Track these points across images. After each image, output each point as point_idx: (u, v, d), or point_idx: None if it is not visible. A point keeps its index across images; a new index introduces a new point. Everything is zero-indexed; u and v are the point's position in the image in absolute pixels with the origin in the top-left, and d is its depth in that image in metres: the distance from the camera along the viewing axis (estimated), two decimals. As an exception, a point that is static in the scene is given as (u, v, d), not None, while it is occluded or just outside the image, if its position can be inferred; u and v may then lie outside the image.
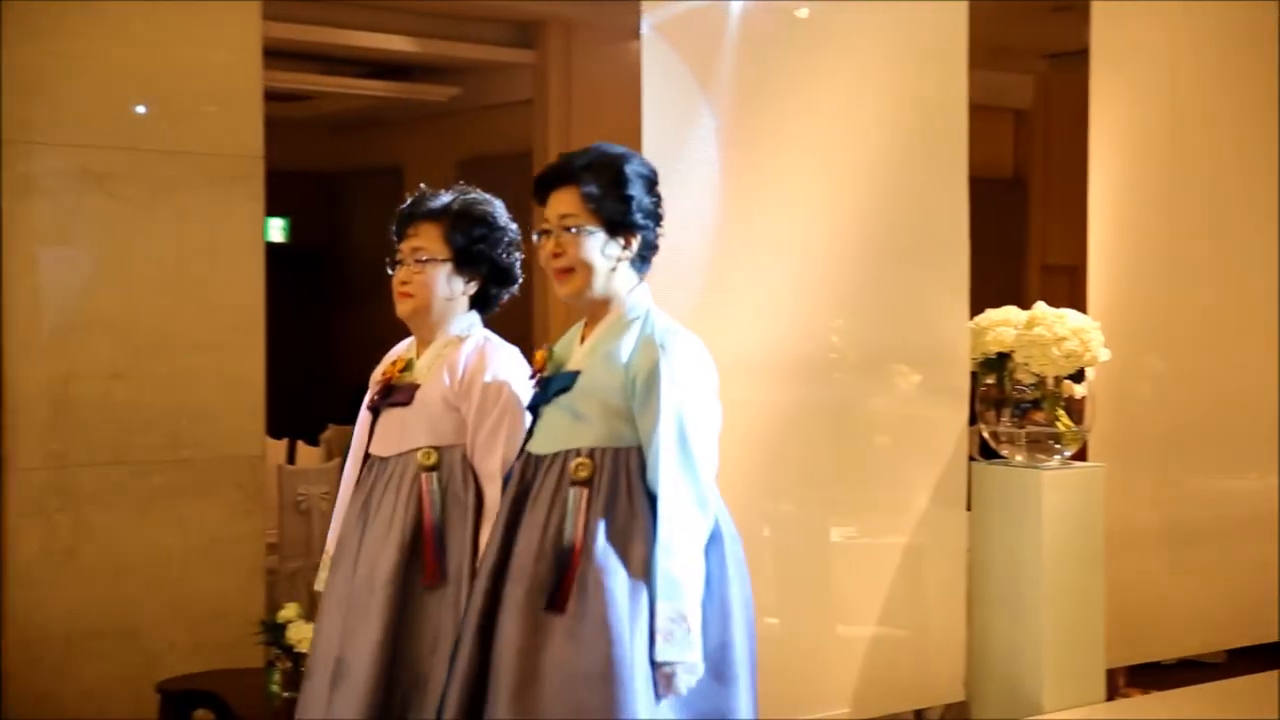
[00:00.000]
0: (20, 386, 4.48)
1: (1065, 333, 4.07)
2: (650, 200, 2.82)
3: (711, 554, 2.71)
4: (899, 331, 4.08)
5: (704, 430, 2.72)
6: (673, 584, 2.60)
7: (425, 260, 3.06)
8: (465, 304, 3.11)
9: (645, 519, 2.65)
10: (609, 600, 2.60)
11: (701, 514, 2.67)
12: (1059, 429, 4.14)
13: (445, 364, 3.05)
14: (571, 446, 2.73)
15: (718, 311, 3.71)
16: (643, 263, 2.84)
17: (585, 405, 2.74)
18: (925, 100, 4.10)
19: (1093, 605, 4.18)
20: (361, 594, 2.93)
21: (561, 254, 2.79)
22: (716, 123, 3.70)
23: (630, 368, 2.71)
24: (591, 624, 2.60)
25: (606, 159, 2.81)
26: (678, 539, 2.62)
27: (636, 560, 2.63)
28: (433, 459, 2.97)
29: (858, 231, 3.96)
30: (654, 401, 2.66)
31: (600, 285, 2.79)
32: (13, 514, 4.47)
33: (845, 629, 3.99)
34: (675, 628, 2.59)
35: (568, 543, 2.65)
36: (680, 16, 3.66)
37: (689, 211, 3.65)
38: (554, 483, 2.73)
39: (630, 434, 2.71)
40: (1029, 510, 4.08)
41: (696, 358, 2.75)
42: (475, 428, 2.99)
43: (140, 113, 4.73)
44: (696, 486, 2.67)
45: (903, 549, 4.06)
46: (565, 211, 2.79)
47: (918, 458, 4.10)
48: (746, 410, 3.76)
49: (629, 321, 2.78)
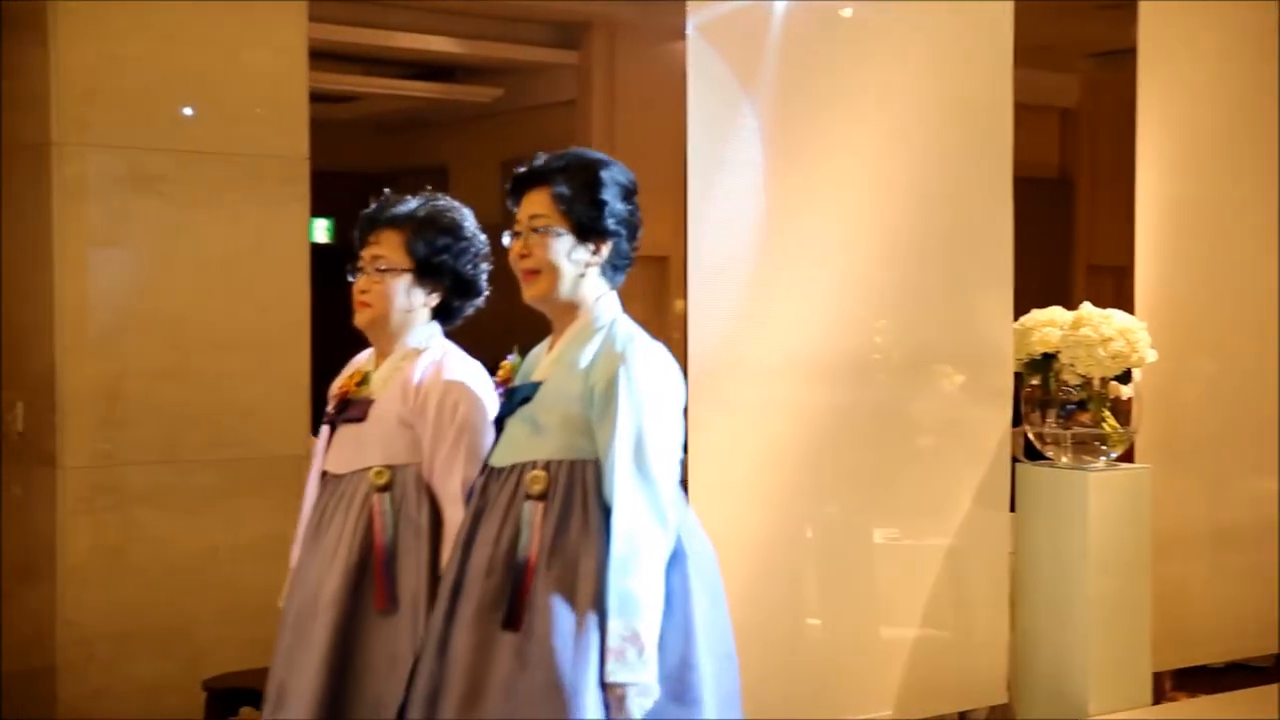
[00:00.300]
0: (70, 386, 4.52)
1: (1111, 333, 4.05)
2: (624, 208, 2.75)
3: (673, 571, 2.60)
4: (942, 332, 4.07)
5: (664, 444, 2.61)
6: (626, 602, 2.50)
7: (385, 269, 2.93)
8: (426, 315, 2.98)
9: (598, 535, 2.56)
10: (556, 618, 2.52)
11: (659, 529, 2.56)
12: (1105, 430, 4.12)
13: (401, 379, 2.92)
14: (528, 459, 2.65)
15: (761, 312, 3.71)
16: (614, 271, 2.76)
17: (546, 416, 2.66)
18: (970, 100, 4.09)
19: (1139, 608, 4.15)
20: (305, 617, 2.81)
21: (528, 255, 2.72)
22: (759, 123, 3.69)
23: (590, 377, 2.63)
24: (538, 642, 2.52)
25: (582, 162, 2.77)
26: (632, 555, 2.52)
27: (587, 577, 2.54)
28: (385, 478, 2.84)
29: (901, 232, 3.95)
30: (612, 412, 2.58)
31: (566, 290, 2.71)
32: (63, 512, 4.52)
33: (888, 630, 3.98)
34: (627, 647, 2.49)
35: (521, 558, 2.57)
36: (724, 17, 3.66)
37: (732, 213, 3.65)
38: (509, 496, 2.65)
39: (588, 446, 2.62)
40: (1075, 512, 4.06)
41: (659, 369, 2.66)
42: (433, 447, 2.85)
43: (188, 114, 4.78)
44: (654, 501, 2.56)
45: (945, 551, 4.05)
46: (535, 212, 2.73)
47: (961, 459, 4.08)
48: (790, 411, 3.76)
49: (594, 331, 2.70)
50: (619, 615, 2.50)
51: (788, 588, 3.81)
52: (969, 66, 4.08)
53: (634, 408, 2.58)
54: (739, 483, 3.69)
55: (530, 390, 2.71)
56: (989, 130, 4.12)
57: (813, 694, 3.77)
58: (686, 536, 2.66)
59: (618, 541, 2.53)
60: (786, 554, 3.79)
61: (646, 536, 2.54)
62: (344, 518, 2.86)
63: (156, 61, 4.70)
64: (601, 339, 2.68)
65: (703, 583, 2.66)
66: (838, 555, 3.89)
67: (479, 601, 2.60)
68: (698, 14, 3.62)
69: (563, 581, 2.55)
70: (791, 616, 3.83)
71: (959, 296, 4.09)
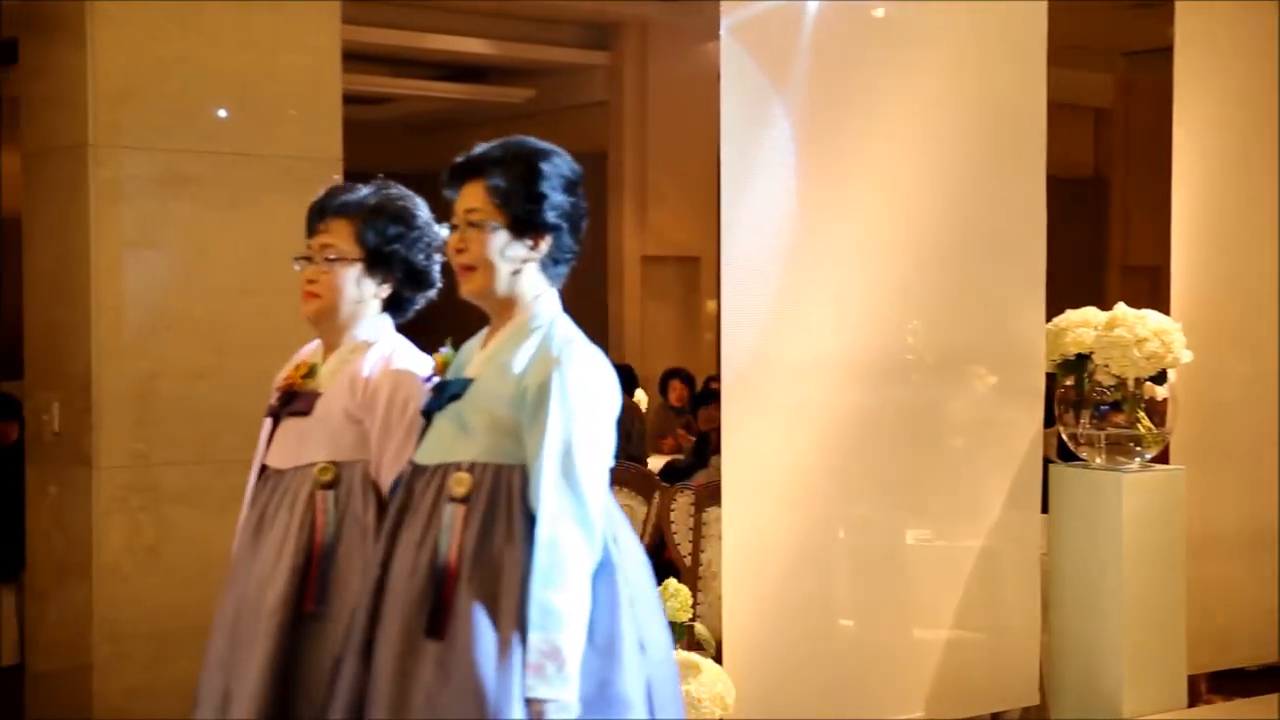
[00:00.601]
0: (106, 386, 4.55)
1: (1146, 334, 4.02)
2: (566, 200, 2.62)
3: (600, 584, 2.49)
4: (975, 333, 4.05)
5: (594, 453, 2.50)
6: (548, 614, 2.40)
7: (334, 259, 2.83)
8: (376, 307, 2.89)
9: (522, 543, 2.46)
10: (478, 629, 2.42)
11: (585, 541, 2.46)
12: (1140, 431, 4.09)
13: (349, 372, 2.82)
14: (453, 459, 2.54)
15: (794, 313, 3.70)
16: (556, 266, 2.64)
17: (473, 416, 2.55)
18: (1003, 99, 4.07)
19: (1174, 610, 4.12)
20: (249, 621, 2.71)
21: (464, 250, 2.59)
22: (792, 124, 3.69)
23: (523, 379, 2.52)
24: (460, 653, 2.42)
25: (520, 153, 2.62)
26: (555, 566, 2.42)
27: (511, 587, 2.44)
28: (330, 475, 2.74)
29: (934, 232, 3.94)
30: (542, 418, 2.47)
31: (502, 286, 2.59)
32: (98, 512, 4.55)
33: (920, 631, 3.97)
34: (548, 662, 2.39)
35: (441, 563, 2.47)
36: (757, 18, 3.66)
37: (765, 214, 3.64)
38: (432, 497, 2.53)
39: (516, 450, 2.51)
40: (1109, 513, 4.04)
41: (595, 375, 2.55)
42: (380, 443, 2.76)
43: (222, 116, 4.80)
44: (580, 511, 2.46)
45: (977, 552, 4.04)
46: (470, 206, 2.60)
47: (992, 460, 4.07)
48: (822, 412, 3.75)
49: (530, 330, 2.59)
50: (539, 628, 2.40)
51: (820, 588, 3.80)
52: (1002, 66, 4.07)
53: (565, 414, 2.48)
54: (771, 483, 3.68)
55: (460, 387, 2.60)
56: (1022, 130, 4.10)
57: (844, 694, 3.76)
58: (615, 547, 2.55)
59: (541, 552, 2.42)
60: (819, 554, 3.78)
61: (571, 547, 2.44)
62: (287, 517, 2.76)
63: (191, 64, 4.73)
64: (538, 340, 2.57)
65: (631, 595, 2.55)
66: (870, 556, 3.88)
67: (403, 607, 2.50)
68: (731, 15, 3.62)
69: (486, 590, 2.45)
70: (823, 617, 3.82)
71: (991, 297, 4.07)
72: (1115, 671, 4.03)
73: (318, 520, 2.73)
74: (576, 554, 2.45)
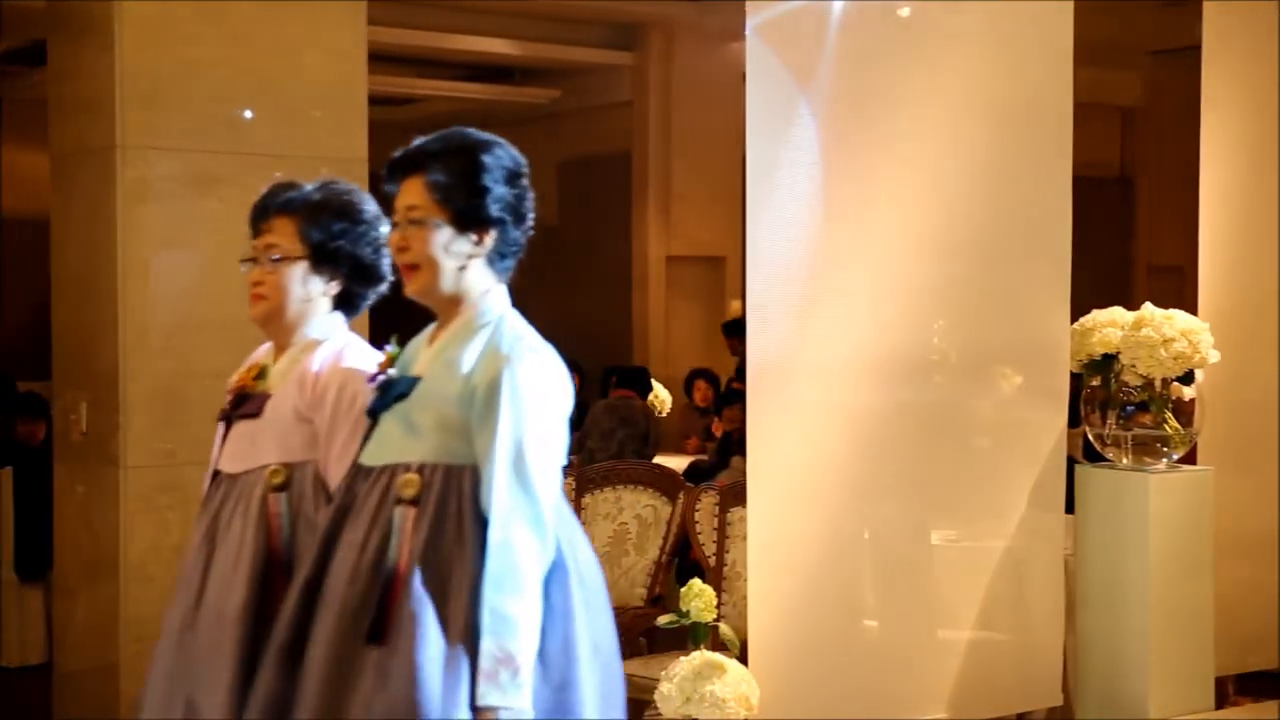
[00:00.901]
0: (133, 386, 4.58)
1: (1173, 334, 4.00)
2: (510, 193, 2.54)
3: (553, 587, 2.43)
4: (1000, 332, 4.04)
5: (546, 453, 2.43)
6: (500, 620, 2.32)
7: (279, 258, 2.78)
8: (326, 305, 2.83)
9: (473, 546, 2.38)
10: (423, 635, 2.33)
11: (538, 543, 2.39)
12: (1167, 432, 4.07)
13: (298, 371, 2.77)
14: (401, 460, 2.47)
15: (820, 312, 3.69)
16: (502, 261, 2.56)
17: (421, 415, 2.47)
18: (1029, 98, 4.05)
19: (1201, 611, 4.10)
20: (211, 629, 2.66)
21: (406, 248, 2.52)
22: (818, 123, 3.68)
23: (472, 378, 2.44)
24: (403, 660, 2.33)
25: (460, 145, 2.53)
26: (508, 571, 2.34)
27: (460, 591, 2.37)
28: (281, 477, 2.70)
29: (959, 231, 3.93)
30: (493, 418, 2.39)
31: (448, 284, 2.52)
32: (125, 511, 4.58)
33: (943, 632, 3.96)
34: (500, 669, 2.31)
35: (390, 567, 2.39)
36: (782, 17, 3.65)
37: (791, 213, 3.64)
38: (378, 498, 2.46)
39: (466, 450, 2.43)
40: (1135, 514, 4.02)
41: (546, 373, 2.48)
42: (327, 441, 2.70)
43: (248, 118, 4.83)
44: (533, 513, 2.39)
45: (1001, 552, 4.02)
46: (411, 202, 2.52)
47: (1017, 460, 4.05)
48: (847, 411, 3.75)
49: (478, 327, 2.51)
50: (492, 634, 2.32)
51: (844, 588, 3.79)
52: (1028, 65, 4.05)
53: (516, 414, 2.40)
54: (796, 483, 3.68)
55: (407, 386, 2.52)
56: (1048, 129, 4.08)
57: (868, 694, 3.76)
58: (568, 549, 2.49)
59: (493, 556, 2.34)
60: (843, 554, 3.78)
61: (524, 551, 2.37)
62: (242, 522, 2.71)
63: (218, 65, 4.76)
64: (486, 337, 2.50)
65: (585, 597, 2.49)
66: (894, 556, 3.87)
67: (340, 611, 2.42)
68: (756, 14, 3.62)
69: (433, 595, 2.37)
70: (848, 617, 3.81)
71: (1017, 297, 4.06)
72: (1141, 673, 4.00)
73: (272, 524, 2.67)
74: (530, 558, 2.38)
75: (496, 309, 2.56)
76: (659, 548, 5.02)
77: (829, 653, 3.71)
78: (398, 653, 2.34)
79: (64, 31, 4.95)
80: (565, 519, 2.54)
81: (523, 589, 2.36)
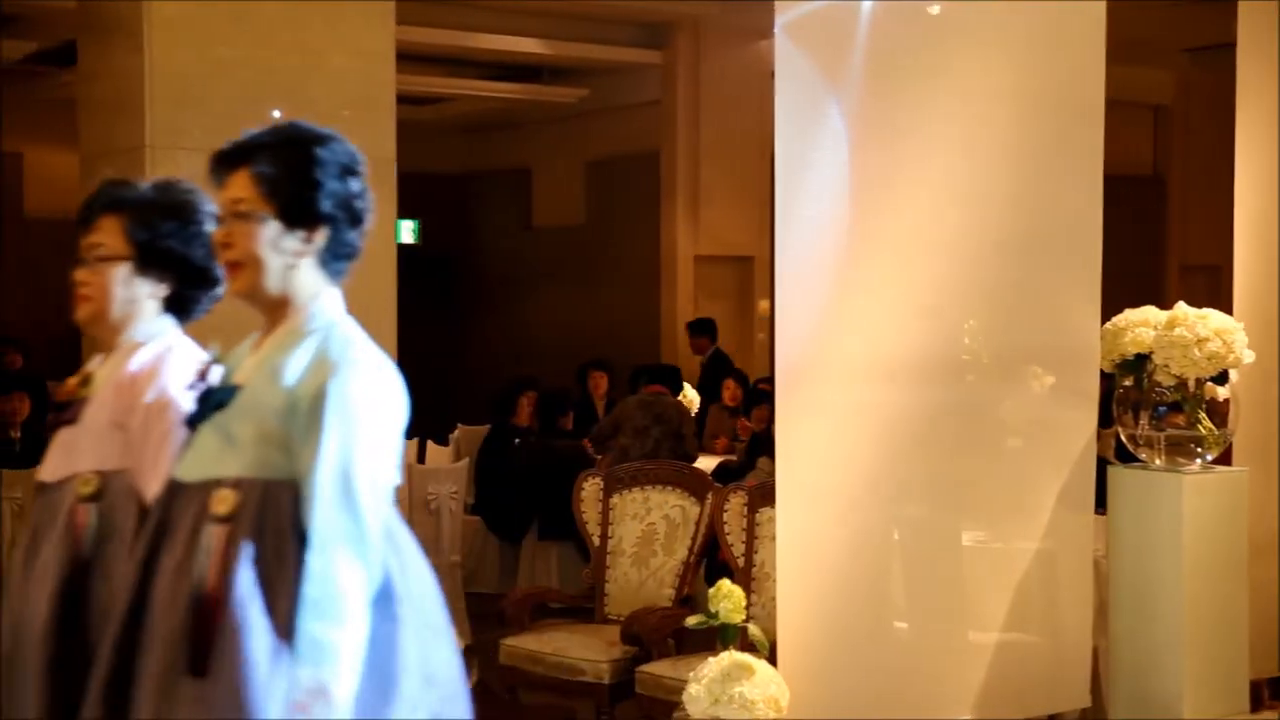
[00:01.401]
0: (162, 385, 4.59)
1: (1207, 333, 3.96)
2: (344, 189, 2.38)
3: (379, 615, 2.26)
4: (1031, 332, 4.01)
5: (374, 471, 2.26)
6: (317, 649, 2.17)
7: (104, 258, 2.65)
8: (154, 308, 2.71)
9: (293, 568, 2.23)
10: (244, 662, 2.19)
11: (362, 569, 2.23)
12: (1201, 432, 4.03)
13: (116, 375, 2.65)
14: (216, 475, 2.30)
15: (849, 313, 3.68)
16: (336, 262, 2.40)
17: (240, 427, 2.30)
18: (1060, 96, 4.02)
19: (1235, 614, 4.06)
20: (24, 649, 2.52)
21: (230, 244, 2.35)
22: (846, 123, 3.66)
23: (296, 389, 2.28)
24: (224, 689, 2.19)
25: (291, 137, 2.38)
26: (327, 597, 2.19)
27: (280, 616, 2.22)
28: (91, 486, 2.56)
29: (989, 231, 3.90)
30: (318, 432, 2.23)
31: (273, 284, 2.35)
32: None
33: (972, 633, 3.93)
34: (314, 701, 2.16)
35: (201, 591, 2.23)
36: (811, 16, 3.63)
37: (819, 213, 3.62)
38: (193, 517, 2.29)
39: (288, 464, 2.27)
40: (1169, 515, 3.98)
41: (378, 385, 2.31)
42: (139, 449, 2.58)
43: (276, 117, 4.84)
44: (357, 536, 2.23)
45: (1031, 554, 4.00)
46: (236, 195, 2.35)
47: (1047, 461, 4.02)
48: (877, 412, 3.73)
49: (306, 334, 2.34)
50: (307, 664, 2.17)
51: (873, 589, 3.78)
52: (1060, 62, 4.02)
53: (344, 428, 2.24)
54: (825, 484, 3.66)
55: (226, 395, 2.35)
56: (1080, 127, 4.05)
57: (897, 695, 3.74)
58: (399, 575, 2.33)
59: (312, 581, 2.19)
60: (872, 555, 3.76)
61: (346, 577, 2.21)
62: (53, 533, 2.58)
63: (248, 66, 4.77)
64: (314, 345, 2.32)
65: (415, 627, 2.33)
66: (923, 557, 3.85)
67: (164, 640, 2.26)
68: (784, 13, 3.60)
69: (253, 620, 2.21)
70: (877, 618, 3.80)
71: (1047, 296, 4.03)
72: (1175, 675, 3.97)
73: (77, 535, 2.54)
74: (352, 584, 2.21)
75: (327, 314, 2.38)
76: (687, 548, 5.00)
77: (858, 654, 3.69)
78: (220, 682, 2.21)
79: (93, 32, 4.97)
80: (399, 541, 2.37)
81: (343, 617, 2.20)
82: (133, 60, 4.64)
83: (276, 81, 4.83)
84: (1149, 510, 4.04)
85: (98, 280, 2.67)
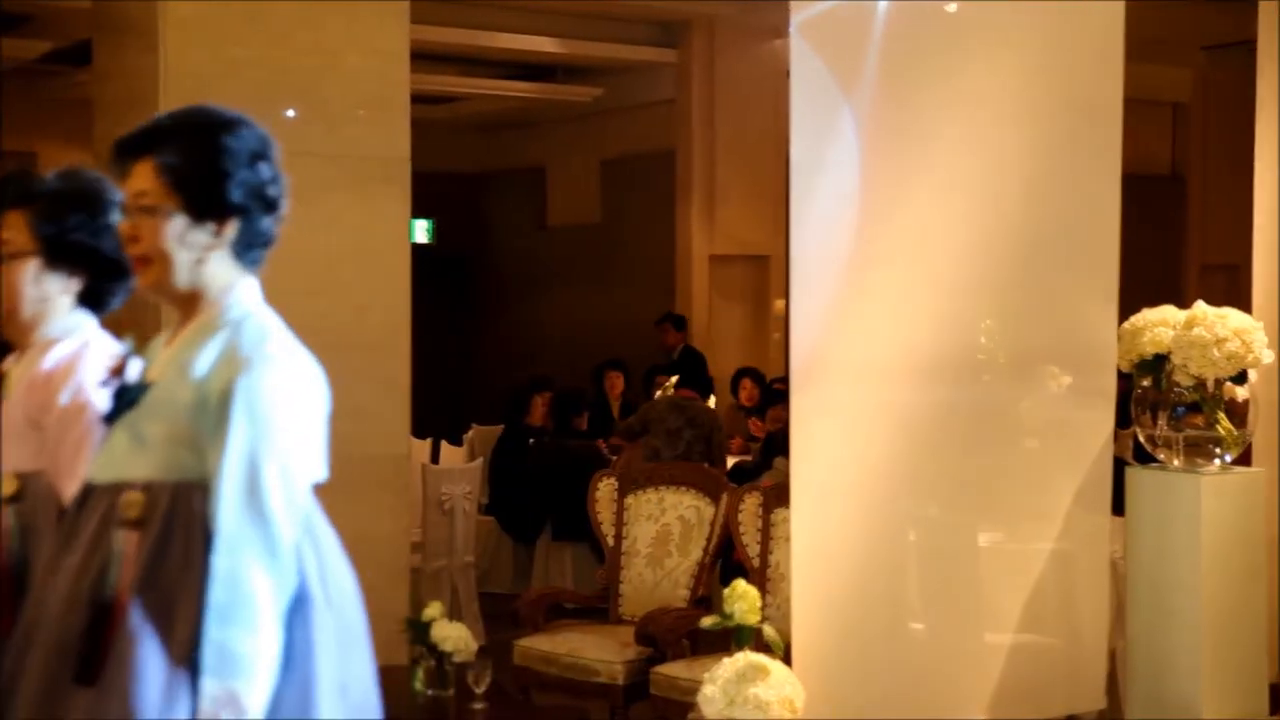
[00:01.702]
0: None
1: (1226, 333, 3.93)
2: (254, 177, 2.27)
3: (295, 621, 2.17)
4: (1047, 332, 3.99)
5: (285, 471, 2.18)
6: (225, 658, 2.08)
7: (11, 255, 2.58)
8: (68, 303, 2.63)
9: (201, 574, 2.13)
10: (140, 672, 2.09)
11: (271, 574, 2.14)
12: (1220, 433, 4.00)
13: (30, 374, 2.59)
14: (125, 477, 2.20)
15: (864, 312, 3.66)
16: (250, 252, 2.30)
17: (150, 426, 2.21)
18: (1078, 95, 4.00)
19: (1254, 616, 4.03)
20: None
21: (136, 239, 2.25)
22: (861, 122, 3.65)
23: (205, 384, 2.19)
24: (117, 700, 2.10)
25: (196, 124, 2.27)
26: (235, 603, 2.10)
27: (184, 624, 2.12)
28: (13, 488, 2.50)
29: (1006, 230, 3.88)
30: (225, 429, 2.14)
31: (183, 279, 2.25)
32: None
33: (987, 634, 3.91)
34: (223, 711, 2.08)
35: (108, 597, 2.13)
36: (826, 15, 3.62)
37: (834, 212, 3.61)
38: (99, 520, 2.20)
39: (198, 466, 2.18)
40: (1187, 517, 3.96)
41: (292, 379, 2.22)
42: (54, 449, 2.52)
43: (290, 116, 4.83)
44: (267, 539, 2.14)
45: (1047, 555, 3.98)
46: (140, 188, 2.25)
47: (1064, 461, 4.00)
48: (892, 411, 3.71)
49: (218, 327, 2.25)
50: (214, 674, 2.08)
51: (889, 590, 3.76)
52: (1078, 61, 3.99)
53: (252, 426, 2.15)
54: (840, 484, 3.65)
55: (136, 393, 2.25)
56: (1097, 126, 4.03)
57: (913, 696, 3.72)
58: (315, 578, 2.23)
59: (218, 586, 2.10)
60: (888, 556, 3.74)
61: (255, 582, 2.12)
62: None
63: (262, 65, 4.77)
64: (225, 339, 2.23)
65: (333, 634, 2.24)
66: (939, 557, 3.83)
67: (53, 644, 2.16)
68: (800, 13, 3.59)
69: (155, 627, 2.12)
70: (892, 619, 3.78)
71: (1064, 296, 4.01)
72: (1193, 678, 3.95)
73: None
74: (261, 589, 2.13)
75: (242, 306, 2.29)
76: (702, 549, 4.99)
77: (873, 655, 3.68)
78: (114, 693, 2.11)
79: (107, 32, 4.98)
80: (319, 542, 2.28)
81: (255, 624, 2.12)
82: (146, 60, 4.64)
83: (290, 81, 4.82)
84: (1167, 511, 4.01)
85: (6, 279, 2.60)
